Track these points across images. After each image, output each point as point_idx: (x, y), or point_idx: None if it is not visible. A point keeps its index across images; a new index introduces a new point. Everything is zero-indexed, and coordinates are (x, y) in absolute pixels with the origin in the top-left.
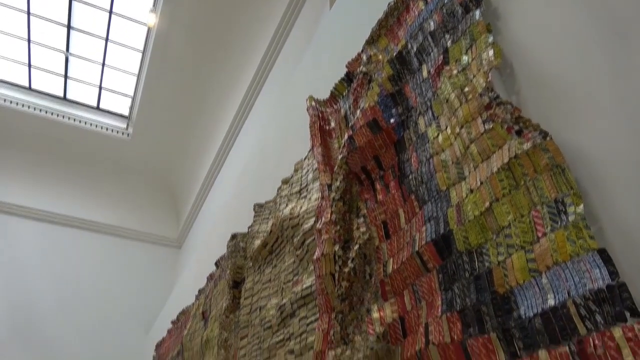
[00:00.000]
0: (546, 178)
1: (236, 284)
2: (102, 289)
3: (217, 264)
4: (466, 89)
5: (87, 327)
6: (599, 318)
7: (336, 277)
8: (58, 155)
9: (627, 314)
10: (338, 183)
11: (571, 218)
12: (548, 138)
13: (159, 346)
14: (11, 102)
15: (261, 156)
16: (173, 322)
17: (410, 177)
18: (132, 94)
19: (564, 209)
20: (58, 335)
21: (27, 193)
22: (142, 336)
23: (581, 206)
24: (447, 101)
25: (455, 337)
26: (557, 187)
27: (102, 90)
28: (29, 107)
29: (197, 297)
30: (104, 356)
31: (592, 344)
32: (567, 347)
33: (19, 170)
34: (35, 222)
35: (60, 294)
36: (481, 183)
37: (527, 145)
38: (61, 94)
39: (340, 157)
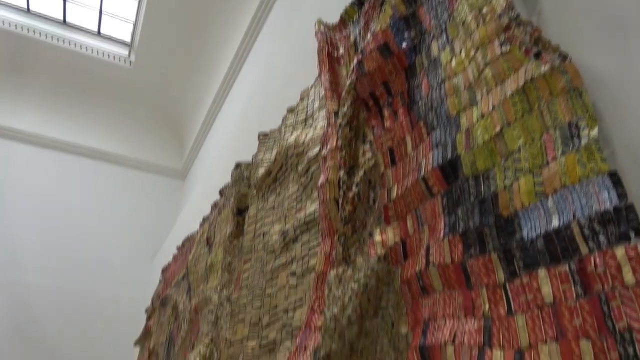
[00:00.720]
0: (562, 101)
1: (240, 212)
2: (107, 218)
3: (221, 192)
4: (484, 10)
5: (94, 254)
6: (602, 238)
7: (340, 202)
8: (58, 82)
9: (632, 234)
10: (345, 109)
11: (584, 141)
12: (567, 60)
13: (165, 270)
14: (9, 24)
15: (267, 84)
16: (178, 248)
17: (419, 103)
18: (133, 19)
19: (577, 133)
20: (65, 262)
21: (25, 118)
22: (149, 262)
23: (595, 129)
24: (463, 23)
25: (456, 258)
26: (572, 111)
27: (103, 15)
28: (27, 29)
29: (201, 225)
30: (111, 281)
31: (592, 263)
32: (567, 266)
33: (17, 95)
34: (33, 147)
35: (63, 222)
36: (493, 107)
37: (544, 68)
38: (61, 18)
39: (348, 82)
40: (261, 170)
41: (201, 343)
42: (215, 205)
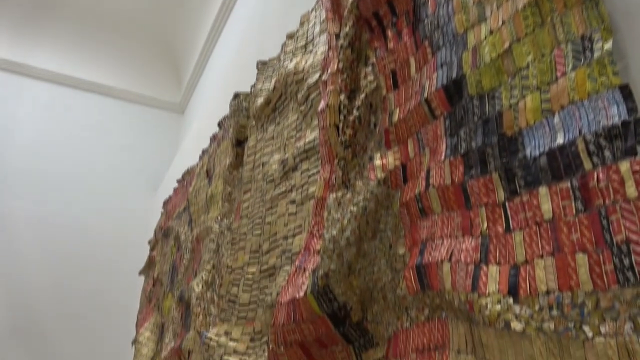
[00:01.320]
0: (576, 13)
1: (239, 143)
2: (106, 153)
3: (219, 124)
4: None
5: (95, 189)
6: (607, 153)
7: (340, 127)
8: (49, 11)
9: (639, 149)
10: (347, 29)
11: (596, 55)
12: None
13: (166, 203)
14: None
15: (266, 9)
16: (179, 182)
17: (425, 21)
18: None
19: (590, 46)
20: (66, 198)
21: (17, 48)
22: (150, 196)
23: (610, 42)
24: None
25: (456, 179)
26: (586, 22)
27: None
28: None
29: (200, 158)
30: (113, 216)
31: (595, 178)
32: (569, 183)
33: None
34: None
35: (63, 156)
36: (503, 23)
37: None
38: None
39: (350, 1)
40: (260, 100)
41: (203, 270)
42: (214, 138)
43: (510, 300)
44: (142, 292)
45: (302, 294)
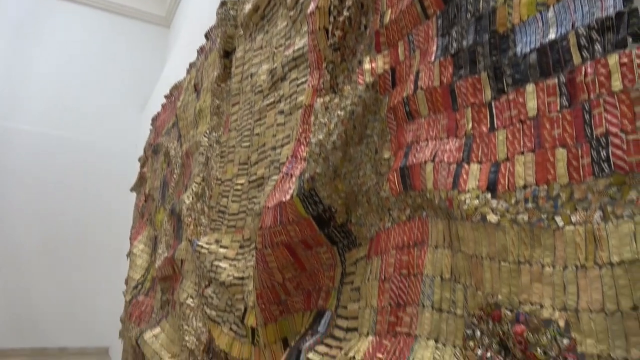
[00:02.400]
0: None
1: (227, 54)
2: (92, 68)
3: (207, 35)
4: None
5: (83, 107)
6: (598, 47)
7: (330, 29)
8: None
9: (629, 40)
10: None
11: None
12: None
13: (154, 120)
14: None
15: None
16: (166, 97)
17: None
18: None
19: None
20: (53, 111)
21: None
22: (138, 113)
23: None
24: None
25: (445, 80)
26: None
27: None
28: None
29: (188, 71)
30: (102, 131)
31: (583, 72)
32: (556, 79)
33: None
34: None
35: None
36: None
37: None
38: None
39: None
40: (248, 7)
41: (193, 183)
42: (201, 50)
43: (489, 195)
44: (134, 208)
45: (288, 197)
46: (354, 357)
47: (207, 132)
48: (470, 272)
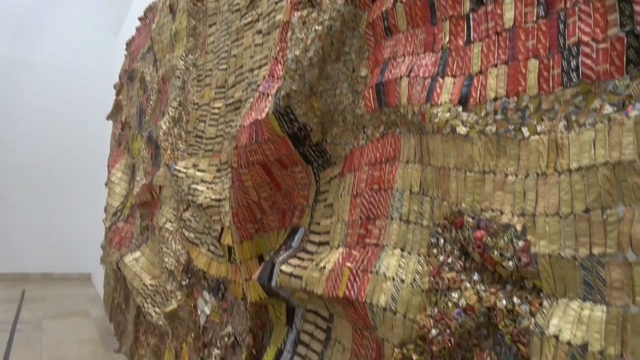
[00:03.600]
0: None
1: None
2: None
3: None
4: None
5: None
6: None
7: None
8: None
9: None
10: None
11: None
12: None
13: (129, 44)
14: None
15: None
16: (141, 20)
17: None
18: None
19: None
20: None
21: None
22: (112, 38)
23: None
24: None
25: None
26: None
27: None
28: None
29: None
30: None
31: None
32: None
33: None
34: None
35: None
36: None
37: None
38: None
39: None
40: None
41: (170, 107)
42: None
43: (460, 108)
44: (111, 137)
45: (264, 115)
46: (324, 267)
47: (184, 55)
48: (437, 184)
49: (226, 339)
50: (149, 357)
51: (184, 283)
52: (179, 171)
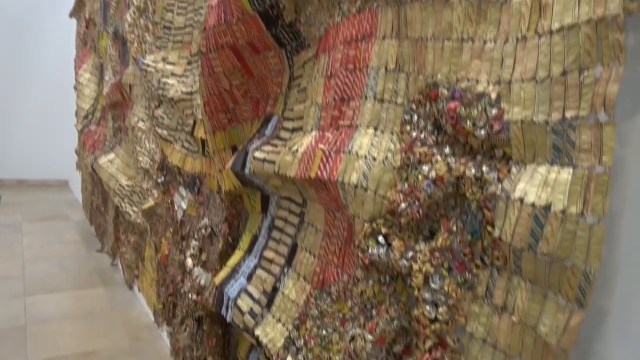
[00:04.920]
0: None
1: None
2: None
3: None
4: None
5: None
6: None
7: None
8: None
9: None
10: None
11: None
12: None
13: None
14: None
15: None
16: None
17: None
18: None
19: None
20: None
21: None
22: None
23: None
24: None
25: None
26: None
27: None
28: None
29: None
30: None
31: None
32: None
33: None
34: None
35: None
36: None
37: None
38: None
39: None
40: None
41: None
42: None
43: None
44: (76, 36)
45: None
46: (297, 150)
47: None
48: (414, 58)
49: (203, 231)
50: (130, 253)
51: (159, 181)
52: (148, 65)
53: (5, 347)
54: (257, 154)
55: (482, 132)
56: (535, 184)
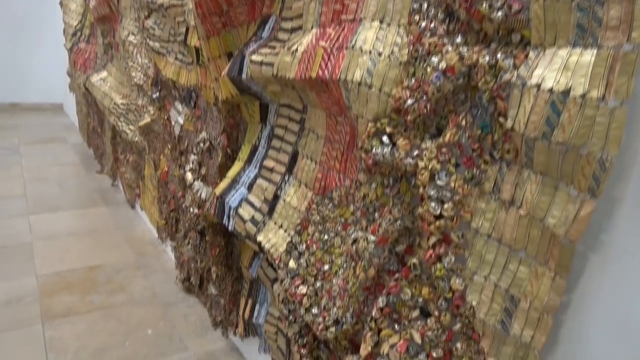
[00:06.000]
0: None
1: None
2: None
3: None
4: None
5: None
6: None
7: None
8: None
9: None
10: None
11: None
12: None
13: None
14: None
15: None
16: None
17: None
18: None
19: None
20: None
21: None
22: None
23: None
24: None
25: None
26: None
27: None
28: None
29: None
30: None
31: None
32: None
33: None
34: None
35: None
36: None
37: None
38: None
39: None
40: None
41: None
42: None
43: None
44: None
45: None
46: (296, 50)
47: None
48: None
49: (201, 145)
50: (130, 173)
51: (154, 96)
52: None
53: (14, 262)
54: (255, 57)
55: (499, 13)
56: (554, 69)
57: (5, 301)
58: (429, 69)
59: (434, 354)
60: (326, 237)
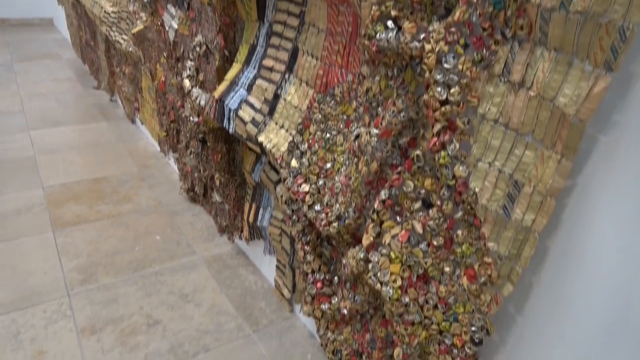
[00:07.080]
0: None
1: None
2: None
3: None
4: None
5: None
6: None
7: None
8: None
9: None
10: None
11: None
12: None
13: None
14: None
15: None
16: None
17: None
18: None
19: None
20: None
21: None
22: None
23: None
24: None
25: None
26: None
27: None
28: None
29: None
30: None
31: None
32: None
33: None
34: None
35: None
36: None
37: None
38: None
39: None
40: None
41: None
42: None
43: None
44: None
45: None
46: None
47: None
48: None
49: (198, 49)
50: (127, 86)
51: (145, 0)
52: None
53: (20, 175)
54: None
55: None
56: None
57: (16, 210)
58: None
59: (435, 242)
60: (328, 135)
